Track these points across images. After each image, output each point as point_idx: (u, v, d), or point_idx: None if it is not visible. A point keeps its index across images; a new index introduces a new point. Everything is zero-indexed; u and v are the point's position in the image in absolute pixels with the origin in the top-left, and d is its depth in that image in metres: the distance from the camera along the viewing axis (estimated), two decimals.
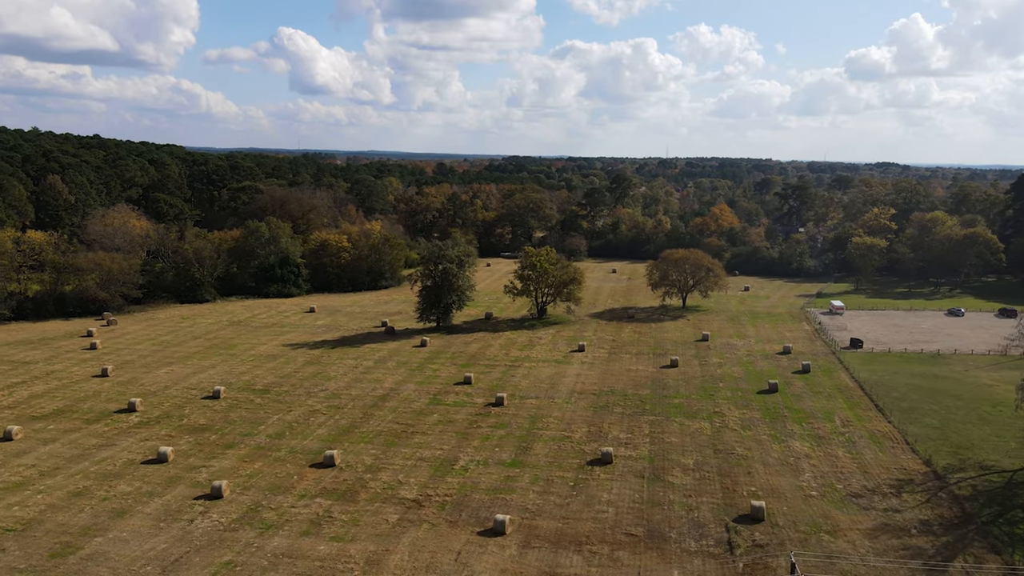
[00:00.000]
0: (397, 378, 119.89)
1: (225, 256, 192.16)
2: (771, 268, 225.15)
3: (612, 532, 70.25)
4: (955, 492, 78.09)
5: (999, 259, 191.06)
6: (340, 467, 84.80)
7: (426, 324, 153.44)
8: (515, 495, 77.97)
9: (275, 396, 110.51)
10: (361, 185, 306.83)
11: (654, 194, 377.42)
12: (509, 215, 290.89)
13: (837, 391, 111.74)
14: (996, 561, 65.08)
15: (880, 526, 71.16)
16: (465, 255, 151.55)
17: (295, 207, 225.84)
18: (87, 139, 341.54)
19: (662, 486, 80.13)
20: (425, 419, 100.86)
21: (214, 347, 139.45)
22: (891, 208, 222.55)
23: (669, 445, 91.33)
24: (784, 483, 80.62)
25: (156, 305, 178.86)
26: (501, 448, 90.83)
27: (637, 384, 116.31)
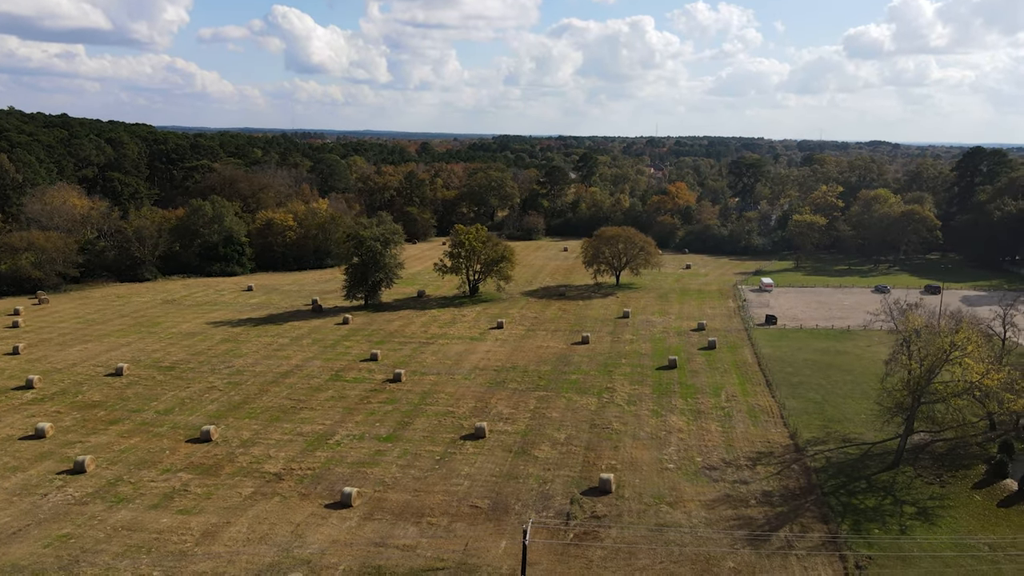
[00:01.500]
0: (306, 355, 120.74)
1: (167, 235, 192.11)
2: (721, 246, 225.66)
3: (458, 504, 71.36)
4: (808, 464, 79.30)
5: (936, 236, 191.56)
6: (216, 442, 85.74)
7: (354, 302, 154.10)
8: (377, 469, 79.05)
9: (178, 373, 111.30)
10: (323, 164, 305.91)
11: (623, 172, 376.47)
12: (470, 193, 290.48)
13: (734, 367, 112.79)
14: (821, 530, 66.30)
15: (722, 497, 72.37)
16: (391, 233, 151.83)
17: (245, 186, 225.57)
18: (53, 118, 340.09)
19: (526, 460, 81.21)
20: (318, 395, 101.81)
21: (138, 325, 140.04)
22: (839, 186, 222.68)
23: (548, 420, 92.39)
24: (646, 456, 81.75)
25: (95, 284, 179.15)
26: (382, 423, 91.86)
27: (542, 361, 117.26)
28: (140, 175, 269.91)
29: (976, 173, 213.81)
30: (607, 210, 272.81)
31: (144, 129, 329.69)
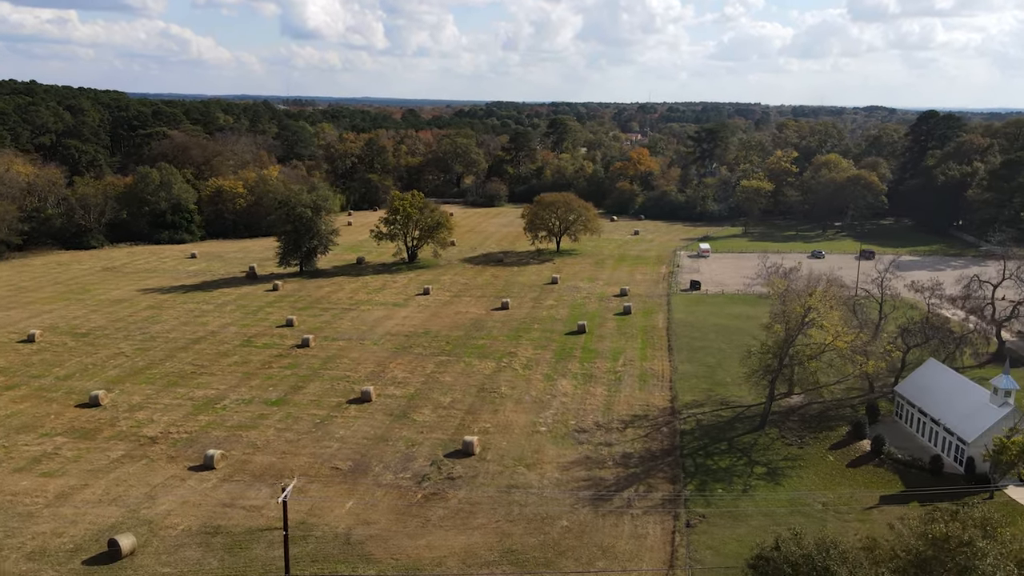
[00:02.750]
0: (224, 321, 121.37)
1: (113, 203, 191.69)
2: (677, 212, 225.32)
3: (320, 466, 72.45)
4: (678, 427, 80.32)
5: (882, 202, 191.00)
6: (104, 407, 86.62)
7: (288, 269, 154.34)
8: (254, 432, 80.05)
9: (91, 339, 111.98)
10: (289, 131, 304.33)
11: (597, 139, 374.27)
12: (435, 160, 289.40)
13: (641, 332, 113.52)
14: (667, 490, 67.43)
15: (581, 459, 73.44)
16: (322, 200, 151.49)
17: (197, 153, 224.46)
18: (19, 84, 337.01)
19: (403, 423, 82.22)
20: (222, 360, 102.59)
21: (68, 292, 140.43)
22: (794, 151, 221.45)
23: (439, 384, 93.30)
24: (522, 420, 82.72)
25: (40, 252, 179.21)
26: (276, 388, 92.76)
27: (455, 326, 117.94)
28: (100, 142, 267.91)
29: (930, 137, 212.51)
30: (570, 176, 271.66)
31: (109, 96, 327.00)
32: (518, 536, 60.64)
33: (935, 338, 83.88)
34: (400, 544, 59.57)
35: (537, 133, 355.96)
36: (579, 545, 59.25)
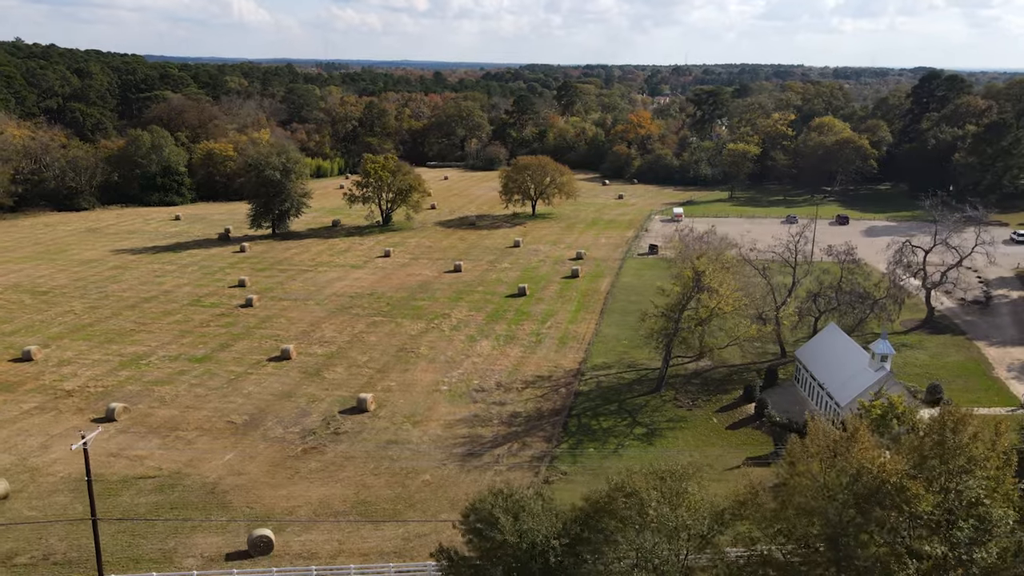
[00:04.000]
0: (181, 282, 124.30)
1: (105, 165, 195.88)
2: (671, 176, 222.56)
3: (216, 420, 74.78)
4: (577, 388, 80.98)
5: (871, 166, 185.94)
6: (36, 361, 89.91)
7: (260, 231, 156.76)
8: (168, 387, 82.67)
9: (48, 298, 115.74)
10: (295, 95, 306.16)
11: (611, 102, 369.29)
12: (438, 124, 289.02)
13: (581, 295, 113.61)
14: (540, 448, 68.43)
15: (468, 417, 74.63)
16: (292, 163, 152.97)
17: (192, 116, 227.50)
18: (35, 48, 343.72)
19: (314, 380, 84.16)
20: (165, 319, 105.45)
21: (45, 252, 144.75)
22: (792, 114, 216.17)
23: (362, 344, 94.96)
24: (428, 379, 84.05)
25: (31, 213, 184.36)
26: (206, 345, 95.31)
27: (401, 288, 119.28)
28: (107, 106, 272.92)
29: (932, 99, 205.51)
30: (571, 140, 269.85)
31: (120, 59, 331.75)
32: (377, 489, 62.32)
33: (845, 303, 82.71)
34: (261, 494, 61.66)
35: (548, 97, 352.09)
36: (431, 498, 60.74)
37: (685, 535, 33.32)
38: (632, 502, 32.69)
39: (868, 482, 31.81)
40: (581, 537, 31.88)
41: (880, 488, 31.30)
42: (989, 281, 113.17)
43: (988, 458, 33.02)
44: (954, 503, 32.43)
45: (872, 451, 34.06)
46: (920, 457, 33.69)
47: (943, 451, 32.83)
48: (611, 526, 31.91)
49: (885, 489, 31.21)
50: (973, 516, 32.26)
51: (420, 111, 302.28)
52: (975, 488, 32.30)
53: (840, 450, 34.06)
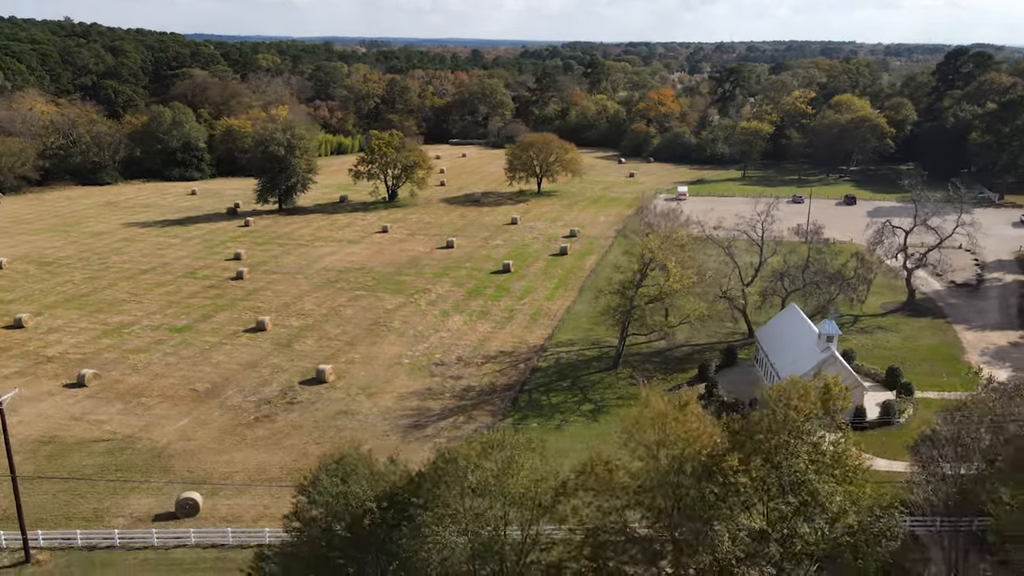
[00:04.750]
0: (181, 254, 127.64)
1: (127, 141, 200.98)
2: (688, 155, 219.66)
3: (180, 388, 77.29)
4: (535, 364, 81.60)
5: (887, 145, 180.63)
6: (26, 328, 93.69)
7: (266, 206, 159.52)
8: (143, 355, 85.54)
9: (52, 268, 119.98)
10: (321, 71, 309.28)
11: (641, 80, 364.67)
12: (461, 101, 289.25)
13: (564, 273, 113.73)
14: (484, 422, 69.35)
15: (421, 391, 75.87)
16: (297, 139, 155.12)
17: (215, 93, 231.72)
18: (77, 26, 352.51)
19: (283, 352, 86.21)
20: (157, 290, 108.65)
21: (60, 225, 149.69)
22: (812, 92, 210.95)
23: (338, 317, 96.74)
24: (392, 352, 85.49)
25: (56, 186, 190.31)
26: (188, 316, 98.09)
27: (390, 263, 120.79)
28: (139, 83, 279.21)
29: (957, 76, 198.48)
30: (592, 118, 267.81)
31: (154, 37, 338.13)
32: (316, 457, 63.46)
33: (811, 283, 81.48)
34: (203, 459, 63.85)
35: (579, 74, 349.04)
36: None
37: (530, 504, 34.01)
38: (450, 468, 33.44)
39: (689, 454, 31.99)
40: (408, 502, 32.82)
41: (696, 460, 31.47)
42: (986, 264, 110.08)
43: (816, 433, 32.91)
44: (784, 478, 32.43)
45: (696, 423, 34.19)
46: (749, 431, 33.70)
47: (772, 425, 32.79)
48: (434, 492, 32.73)
49: (701, 461, 31.35)
50: (804, 491, 32.27)
51: (444, 89, 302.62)
52: (800, 464, 32.22)
53: (669, 421, 34.28)
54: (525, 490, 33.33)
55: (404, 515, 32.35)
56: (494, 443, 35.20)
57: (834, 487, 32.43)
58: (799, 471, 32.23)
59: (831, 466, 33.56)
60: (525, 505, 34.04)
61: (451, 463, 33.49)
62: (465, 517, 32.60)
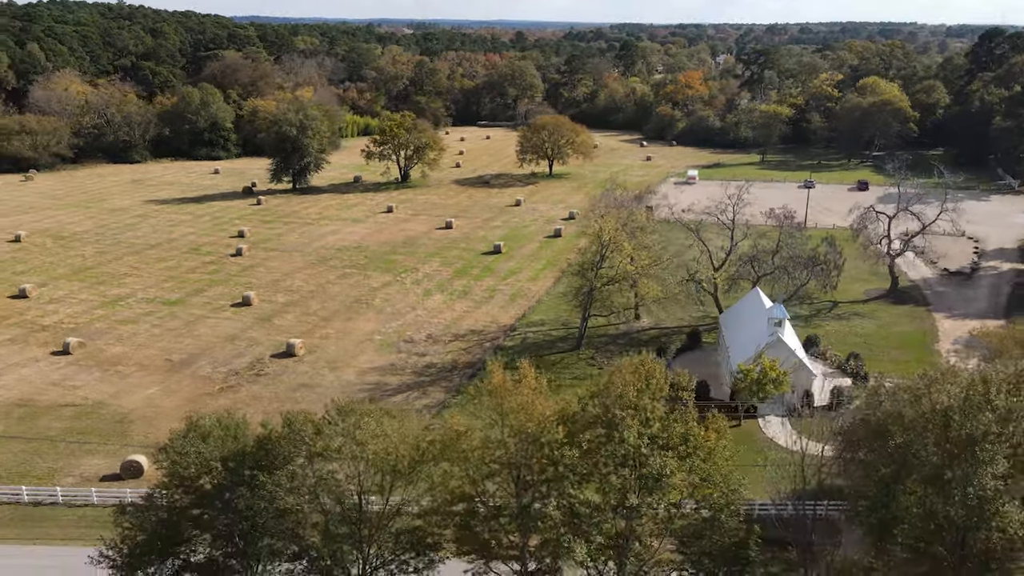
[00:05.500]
0: (189, 231, 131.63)
1: (157, 120, 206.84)
2: (711, 139, 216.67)
3: (157, 358, 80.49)
4: (501, 343, 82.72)
5: (910, 129, 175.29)
6: (29, 298, 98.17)
7: (280, 185, 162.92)
8: (130, 326, 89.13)
9: (66, 242, 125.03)
10: (354, 53, 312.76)
11: (677, 62, 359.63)
12: (490, 84, 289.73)
13: (554, 254, 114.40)
14: (438, 398, 71.05)
15: (385, 366, 77.77)
16: (309, 119, 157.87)
17: (244, 74, 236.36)
18: (121, 8, 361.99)
19: (263, 326, 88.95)
20: (158, 264, 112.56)
21: (85, 201, 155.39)
22: (839, 74, 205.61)
23: (324, 294, 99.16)
24: (367, 327, 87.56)
25: (88, 164, 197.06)
26: (181, 290, 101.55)
27: (387, 243, 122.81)
28: (176, 64, 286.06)
29: (990, 58, 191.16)
30: (620, 101, 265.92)
31: (194, 19, 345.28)
32: None
33: (780, 267, 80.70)
34: (161, 425, 66.53)
35: (610, 57, 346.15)
36: None
37: (387, 469, 35.30)
38: (294, 432, 34.84)
39: (527, 428, 32.87)
40: (260, 464, 34.41)
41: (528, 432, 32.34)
42: (986, 252, 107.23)
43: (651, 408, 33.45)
44: (618, 452, 33.06)
45: (530, 396, 35.00)
46: (583, 406, 34.44)
47: (605, 400, 33.41)
48: (280, 455, 34.20)
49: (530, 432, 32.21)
50: (643, 465, 32.92)
51: (474, 71, 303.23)
52: (630, 437, 32.80)
53: (506, 393, 35.16)
54: (376, 455, 34.65)
55: (244, 476, 34.04)
56: (345, 410, 36.55)
57: (665, 461, 32.92)
58: (632, 444, 32.82)
59: (677, 443, 34.09)
60: (383, 470, 35.41)
61: (295, 426, 35.01)
62: (310, 480, 34.09)
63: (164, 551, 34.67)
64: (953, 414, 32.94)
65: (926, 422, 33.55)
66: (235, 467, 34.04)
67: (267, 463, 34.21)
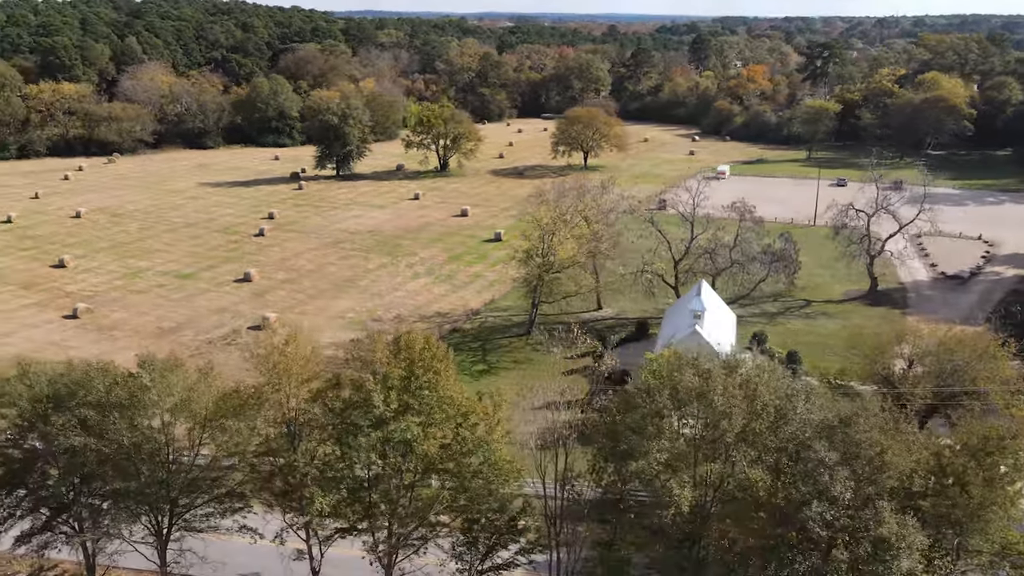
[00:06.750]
0: (227, 212, 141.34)
1: (230, 109, 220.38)
2: (765, 134, 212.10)
3: (151, 325, 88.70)
4: (460, 325, 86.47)
5: (963, 127, 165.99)
6: (66, 268, 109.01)
7: (324, 172, 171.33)
8: (139, 296, 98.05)
9: (117, 220, 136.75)
10: (429, 46, 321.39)
11: (757, 56, 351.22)
12: (558, 77, 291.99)
13: None
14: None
15: (344, 342, 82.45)
16: (352, 109, 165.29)
17: (315, 66, 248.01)
18: (222, 4, 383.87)
19: (254, 300, 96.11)
20: (188, 242, 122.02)
21: (150, 183, 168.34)
22: (901, 69, 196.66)
23: (321, 274, 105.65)
24: (344, 306, 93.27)
25: (167, 149, 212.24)
26: (198, 264, 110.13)
27: (401, 228, 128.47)
28: (262, 56, 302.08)
29: None
30: (682, 95, 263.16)
31: (283, 13, 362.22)
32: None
33: (737, 262, 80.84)
34: None
35: (685, 51, 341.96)
36: None
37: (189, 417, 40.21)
38: (84, 379, 39.98)
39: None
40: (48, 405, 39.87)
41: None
42: (996, 256, 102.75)
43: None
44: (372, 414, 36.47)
45: (298, 361, 38.81)
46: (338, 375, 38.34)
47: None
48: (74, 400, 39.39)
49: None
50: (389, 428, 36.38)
51: (542, 64, 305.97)
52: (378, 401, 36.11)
53: (276, 356, 39.24)
54: (176, 406, 39.44)
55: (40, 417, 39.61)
56: (151, 363, 41.60)
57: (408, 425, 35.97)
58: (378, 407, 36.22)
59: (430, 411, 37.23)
60: (192, 417, 40.25)
61: (85, 376, 40.48)
62: (100, 425, 38.98)
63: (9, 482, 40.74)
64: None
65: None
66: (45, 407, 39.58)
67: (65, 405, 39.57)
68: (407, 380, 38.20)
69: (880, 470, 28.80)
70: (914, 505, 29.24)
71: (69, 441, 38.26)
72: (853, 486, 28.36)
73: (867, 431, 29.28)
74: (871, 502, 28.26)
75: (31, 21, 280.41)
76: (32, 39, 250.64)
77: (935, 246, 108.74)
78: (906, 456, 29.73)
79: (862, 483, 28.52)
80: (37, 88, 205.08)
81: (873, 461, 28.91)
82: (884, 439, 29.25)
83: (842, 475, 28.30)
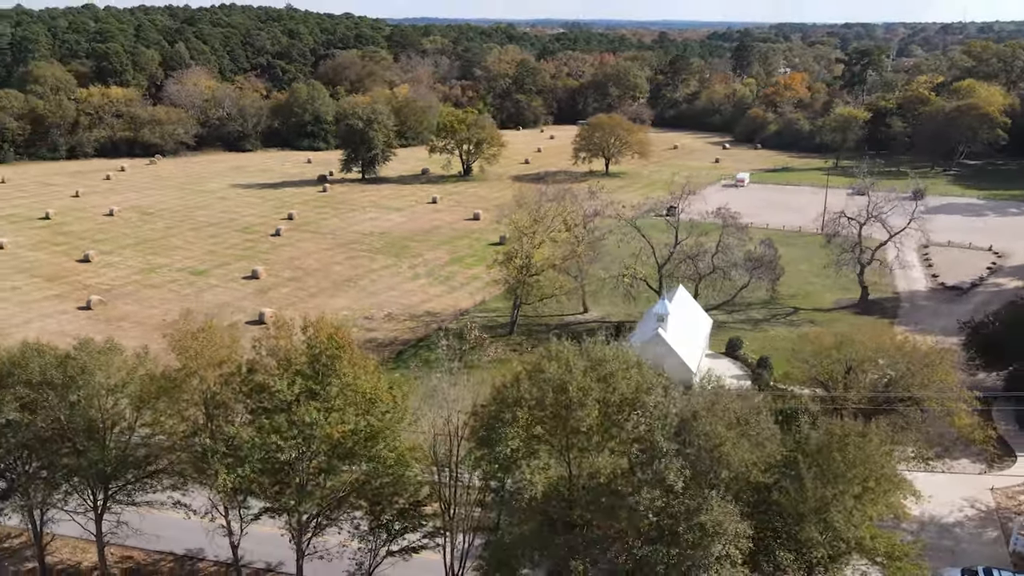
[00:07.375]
0: (250, 212, 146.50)
1: (269, 113, 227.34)
2: (798, 142, 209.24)
3: (156, 317, 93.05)
4: (444, 325, 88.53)
5: (995, 136, 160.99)
6: (91, 262, 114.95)
7: (350, 175, 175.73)
8: (153, 290, 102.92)
9: (148, 217, 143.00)
10: (470, 52, 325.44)
11: (802, 63, 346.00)
12: (595, 84, 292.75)
13: None
14: None
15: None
16: (376, 114, 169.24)
17: (352, 71, 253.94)
18: (272, 10, 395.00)
19: (258, 297, 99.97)
20: (209, 240, 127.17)
21: (185, 184, 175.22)
22: (939, 76, 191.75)
23: (326, 273, 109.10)
24: (340, 304, 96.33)
25: (208, 152, 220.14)
26: (212, 261, 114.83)
27: (414, 230, 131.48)
28: (306, 62, 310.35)
29: None
30: (718, 102, 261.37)
31: (329, 21, 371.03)
32: None
33: (719, 268, 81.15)
34: None
35: (727, 58, 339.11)
36: None
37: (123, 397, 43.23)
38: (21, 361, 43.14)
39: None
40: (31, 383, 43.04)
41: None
42: (1002, 268, 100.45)
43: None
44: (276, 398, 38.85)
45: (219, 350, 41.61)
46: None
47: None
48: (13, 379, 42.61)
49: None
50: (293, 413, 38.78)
51: (580, 70, 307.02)
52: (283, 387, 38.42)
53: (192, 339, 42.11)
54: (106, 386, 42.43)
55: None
56: (87, 346, 44.71)
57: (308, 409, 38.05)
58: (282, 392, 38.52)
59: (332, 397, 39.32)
60: (127, 396, 43.24)
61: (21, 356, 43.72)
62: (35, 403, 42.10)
63: None
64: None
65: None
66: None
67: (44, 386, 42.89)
68: (312, 366, 40.46)
69: (718, 462, 29.88)
70: (764, 498, 30.16)
71: (5, 416, 41.64)
72: (688, 475, 29.54)
73: (710, 425, 30.35)
74: (701, 490, 29.34)
75: (90, 27, 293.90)
76: (89, 44, 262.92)
77: (941, 256, 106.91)
78: (749, 450, 30.70)
79: (699, 474, 29.65)
80: (87, 92, 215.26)
81: (712, 453, 30.02)
82: (727, 432, 30.30)
83: (675, 465, 29.51)
